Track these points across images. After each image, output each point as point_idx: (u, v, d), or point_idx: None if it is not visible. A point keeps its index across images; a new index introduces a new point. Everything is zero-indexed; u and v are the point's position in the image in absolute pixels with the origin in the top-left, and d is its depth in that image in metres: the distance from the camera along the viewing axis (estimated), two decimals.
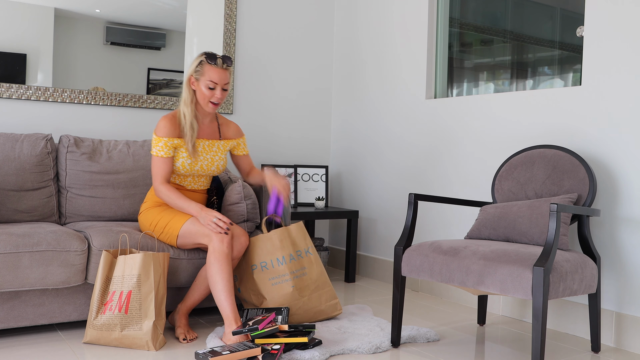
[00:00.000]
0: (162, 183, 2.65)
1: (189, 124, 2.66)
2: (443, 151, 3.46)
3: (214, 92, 2.64)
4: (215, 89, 2.64)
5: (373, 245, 3.96)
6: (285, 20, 4.11)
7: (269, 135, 4.06)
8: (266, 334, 2.27)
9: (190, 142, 2.65)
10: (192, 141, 2.66)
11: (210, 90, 2.64)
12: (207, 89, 2.63)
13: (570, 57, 3.09)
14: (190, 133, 2.65)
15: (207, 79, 2.62)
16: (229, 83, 2.69)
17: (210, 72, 2.62)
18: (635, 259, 2.57)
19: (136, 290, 2.36)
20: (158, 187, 2.65)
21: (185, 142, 2.66)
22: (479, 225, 2.63)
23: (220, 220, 2.49)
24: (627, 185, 2.60)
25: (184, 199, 2.60)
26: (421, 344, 2.57)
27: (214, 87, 2.64)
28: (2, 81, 3.18)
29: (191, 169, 2.70)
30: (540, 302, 2.04)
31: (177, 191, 2.64)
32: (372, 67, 3.98)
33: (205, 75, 2.62)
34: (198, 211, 2.55)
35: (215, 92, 2.64)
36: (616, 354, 2.53)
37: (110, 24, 3.49)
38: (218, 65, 2.64)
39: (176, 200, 2.61)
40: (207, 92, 2.64)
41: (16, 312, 2.43)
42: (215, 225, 2.48)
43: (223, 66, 2.65)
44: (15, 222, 2.81)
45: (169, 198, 2.62)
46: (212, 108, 2.68)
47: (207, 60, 2.63)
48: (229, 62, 2.67)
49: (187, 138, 2.65)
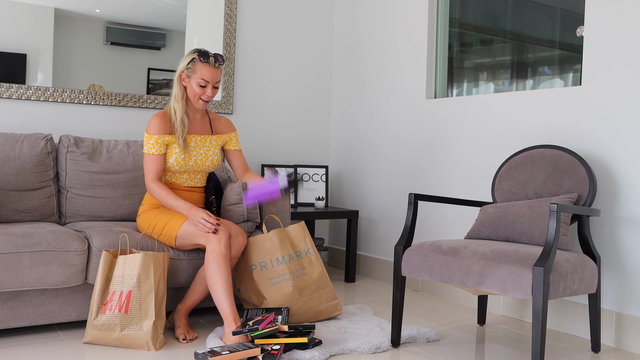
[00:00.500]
0: (154, 180, 2.65)
1: (180, 120, 2.66)
2: (443, 151, 3.46)
3: (205, 90, 2.65)
4: (206, 87, 2.64)
5: (373, 245, 3.96)
6: (285, 20, 4.11)
7: (269, 135, 4.06)
8: (266, 334, 2.27)
9: (181, 137, 2.66)
10: (183, 136, 2.66)
11: (201, 88, 2.64)
12: (198, 86, 2.64)
13: (570, 57, 3.09)
14: (180, 128, 2.66)
15: (198, 77, 2.62)
16: (220, 81, 2.70)
17: (202, 70, 2.62)
18: (635, 259, 2.57)
19: (136, 290, 2.36)
20: (149, 185, 2.66)
21: (177, 137, 2.66)
22: (479, 225, 2.63)
23: (207, 221, 2.48)
24: (627, 185, 2.60)
25: (175, 197, 2.60)
26: (421, 344, 2.57)
27: (205, 85, 2.64)
28: (2, 81, 3.18)
29: (185, 165, 2.71)
30: (540, 302, 2.04)
31: (168, 189, 2.64)
32: (372, 67, 3.98)
33: (197, 73, 2.62)
34: (187, 210, 2.55)
35: (206, 90, 2.65)
36: (616, 354, 2.53)
37: (110, 24, 3.49)
38: (210, 63, 2.64)
39: (167, 198, 2.61)
40: (198, 90, 2.64)
41: (16, 312, 2.43)
42: (203, 225, 2.48)
43: (215, 65, 2.65)
44: (15, 222, 2.81)
45: (160, 196, 2.63)
46: (201, 105, 2.69)
47: (200, 58, 2.62)
48: (221, 61, 2.67)
49: (177, 133, 2.66)
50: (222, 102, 3.83)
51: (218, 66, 2.66)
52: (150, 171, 2.66)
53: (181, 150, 2.67)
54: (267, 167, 3.91)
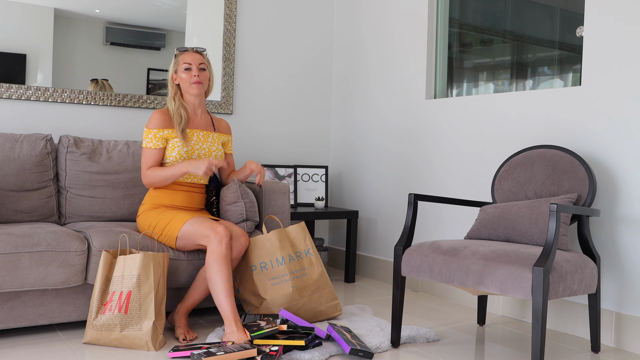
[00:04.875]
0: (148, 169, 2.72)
1: (177, 112, 2.77)
2: (443, 151, 3.46)
3: (191, 72, 2.78)
4: (190, 69, 2.78)
5: (373, 245, 3.96)
6: (285, 20, 4.11)
7: (269, 136, 4.06)
8: (266, 334, 2.27)
9: (179, 128, 2.73)
10: (181, 127, 2.74)
11: (187, 71, 2.78)
12: (185, 72, 2.78)
13: (570, 57, 3.09)
14: (177, 120, 2.75)
15: (181, 64, 2.79)
16: (205, 64, 2.83)
17: (184, 57, 2.81)
18: (635, 259, 2.57)
19: (136, 290, 2.36)
20: (145, 173, 2.73)
21: (175, 129, 2.73)
22: (478, 225, 2.63)
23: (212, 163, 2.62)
24: (627, 185, 2.60)
25: (170, 167, 2.69)
26: (421, 344, 2.57)
27: (189, 68, 2.78)
28: (2, 81, 3.18)
29: (189, 158, 2.74)
30: (540, 302, 2.04)
31: (161, 167, 2.71)
32: (372, 67, 3.98)
33: (180, 63, 2.81)
34: (188, 165, 2.65)
35: (192, 72, 2.78)
36: (616, 354, 2.53)
37: (110, 24, 3.49)
38: (188, 50, 2.82)
39: (164, 172, 2.69)
40: (186, 75, 2.78)
41: (16, 312, 2.43)
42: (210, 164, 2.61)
43: (193, 50, 2.82)
44: (15, 222, 2.81)
45: (157, 175, 2.69)
46: (195, 89, 2.79)
47: (178, 50, 2.85)
48: (199, 48, 2.86)
49: (175, 125, 2.74)
50: (222, 102, 3.83)
51: (196, 51, 2.83)
52: (147, 164, 2.73)
53: (183, 143, 2.70)
54: (267, 167, 3.91)
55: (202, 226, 2.52)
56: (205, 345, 2.27)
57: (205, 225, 2.52)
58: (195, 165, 2.63)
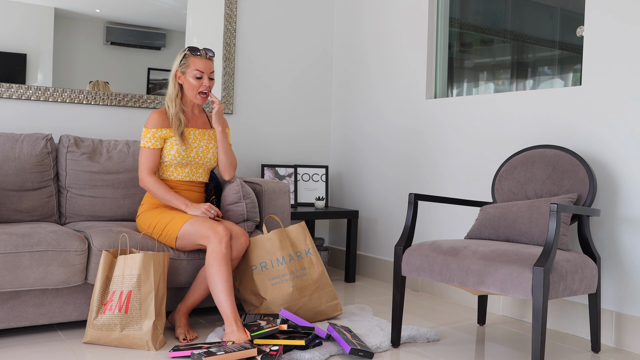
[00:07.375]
0: (149, 174, 2.71)
1: (175, 115, 2.74)
2: (443, 151, 3.46)
3: (202, 81, 2.73)
4: (202, 78, 2.73)
5: (373, 245, 3.96)
6: (285, 20, 4.11)
7: (269, 136, 4.06)
8: (266, 334, 2.28)
9: (177, 132, 2.72)
10: (179, 131, 2.73)
11: (197, 79, 2.72)
12: (195, 79, 2.72)
13: (570, 57, 3.09)
14: (176, 124, 2.73)
15: (193, 70, 2.71)
16: (214, 72, 2.79)
17: (196, 62, 2.72)
18: (635, 259, 2.57)
19: (136, 290, 2.36)
20: (145, 178, 2.70)
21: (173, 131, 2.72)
22: (479, 225, 2.63)
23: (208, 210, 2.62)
24: (627, 185, 2.60)
25: (172, 193, 2.68)
26: (421, 344, 2.57)
27: (200, 77, 2.72)
28: (2, 81, 3.18)
29: (187, 156, 2.74)
30: (540, 302, 2.04)
31: (164, 184, 2.70)
32: (372, 67, 3.98)
33: (191, 67, 2.72)
34: (186, 204, 2.65)
35: (202, 81, 2.73)
36: (616, 354, 2.53)
37: (110, 24, 3.49)
38: (202, 55, 2.74)
39: (164, 193, 2.68)
40: (195, 82, 2.72)
41: (16, 312, 2.43)
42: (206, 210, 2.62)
43: (207, 56, 2.76)
44: (15, 222, 2.81)
45: (157, 190, 2.68)
46: (201, 99, 2.76)
47: (191, 52, 2.73)
48: (211, 53, 2.78)
49: (174, 129, 2.72)
50: (222, 102, 3.82)
51: (209, 58, 2.77)
52: (146, 164, 2.71)
53: (181, 143, 2.72)
54: (267, 167, 3.91)
55: (202, 226, 2.53)
56: (205, 345, 2.28)
57: (205, 225, 2.52)
58: (193, 207, 2.64)
